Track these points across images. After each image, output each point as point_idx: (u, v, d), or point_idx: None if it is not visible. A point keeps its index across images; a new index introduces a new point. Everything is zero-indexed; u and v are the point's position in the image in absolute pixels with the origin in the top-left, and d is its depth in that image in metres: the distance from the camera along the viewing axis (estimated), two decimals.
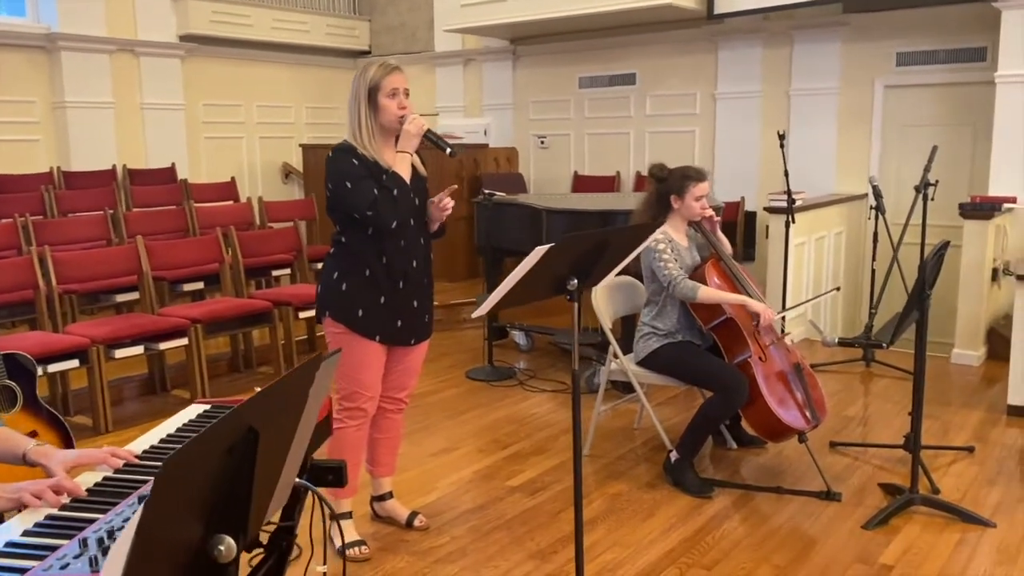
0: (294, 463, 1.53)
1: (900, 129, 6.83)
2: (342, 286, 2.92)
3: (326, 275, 2.99)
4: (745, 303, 3.56)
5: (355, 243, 2.91)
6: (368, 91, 2.84)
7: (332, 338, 2.98)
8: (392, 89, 2.84)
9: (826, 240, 6.44)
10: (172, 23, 8.47)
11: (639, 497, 3.58)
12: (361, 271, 2.90)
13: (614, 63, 8.23)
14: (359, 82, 2.86)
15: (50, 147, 7.78)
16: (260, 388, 1.23)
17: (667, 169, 3.84)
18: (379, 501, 3.30)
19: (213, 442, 1.11)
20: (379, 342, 2.95)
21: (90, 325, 4.62)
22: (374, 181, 2.81)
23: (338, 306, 2.93)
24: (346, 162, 2.83)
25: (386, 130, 2.89)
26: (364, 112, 2.84)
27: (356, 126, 2.86)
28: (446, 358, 5.79)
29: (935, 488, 3.55)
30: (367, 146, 2.85)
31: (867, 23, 6.83)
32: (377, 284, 2.91)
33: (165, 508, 0.98)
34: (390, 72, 2.85)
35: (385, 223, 2.81)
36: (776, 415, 3.47)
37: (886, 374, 5.30)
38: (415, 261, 2.97)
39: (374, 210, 2.77)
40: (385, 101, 2.84)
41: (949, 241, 3.40)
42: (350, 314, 2.91)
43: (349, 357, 2.92)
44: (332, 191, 2.86)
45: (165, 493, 0.96)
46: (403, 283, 2.94)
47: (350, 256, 2.92)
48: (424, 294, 3.04)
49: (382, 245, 2.89)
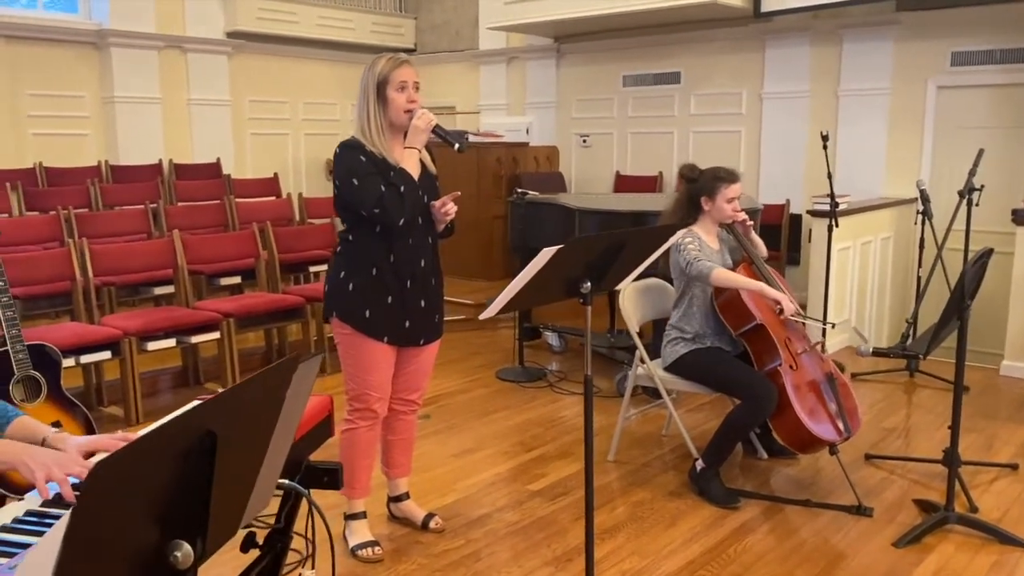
0: (273, 466, 1.50)
1: (953, 131, 6.60)
2: (348, 286, 2.87)
3: (332, 274, 2.95)
4: (762, 290, 3.43)
5: (362, 241, 2.86)
6: (377, 85, 2.79)
7: (340, 339, 2.94)
8: (401, 82, 2.79)
9: (872, 245, 6.24)
10: (220, 20, 8.58)
11: (662, 505, 3.49)
12: (368, 270, 2.85)
13: (659, 61, 8.11)
14: (367, 76, 2.81)
15: (99, 141, 7.94)
16: (221, 389, 1.20)
17: (698, 170, 3.74)
18: (395, 502, 3.27)
19: (161, 445, 1.08)
20: (387, 343, 2.90)
21: (124, 317, 4.68)
22: (382, 178, 2.76)
23: (345, 307, 2.89)
24: (353, 158, 2.78)
25: (395, 125, 2.84)
26: (372, 107, 2.79)
27: (364, 121, 2.81)
28: (477, 357, 5.75)
29: (973, 506, 3.39)
30: (375, 142, 2.80)
31: (921, 21, 6.61)
32: (384, 284, 2.86)
33: (99, 512, 0.95)
34: (399, 65, 2.80)
35: (392, 221, 2.76)
36: (805, 426, 3.35)
37: (930, 384, 5.12)
38: (423, 260, 2.92)
39: (381, 207, 2.72)
40: (394, 94, 2.79)
41: (992, 249, 3.24)
42: (357, 315, 2.86)
43: (357, 358, 2.88)
44: (339, 188, 2.82)
45: (96, 497, 0.93)
46: (411, 283, 2.89)
47: (357, 255, 2.88)
48: (433, 294, 2.98)
49: (390, 243, 2.84)
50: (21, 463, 1.58)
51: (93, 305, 4.81)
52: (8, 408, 1.84)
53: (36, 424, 1.84)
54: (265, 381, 1.31)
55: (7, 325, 3.20)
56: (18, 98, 7.42)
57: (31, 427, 1.82)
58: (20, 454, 1.60)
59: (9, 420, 1.83)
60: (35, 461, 1.58)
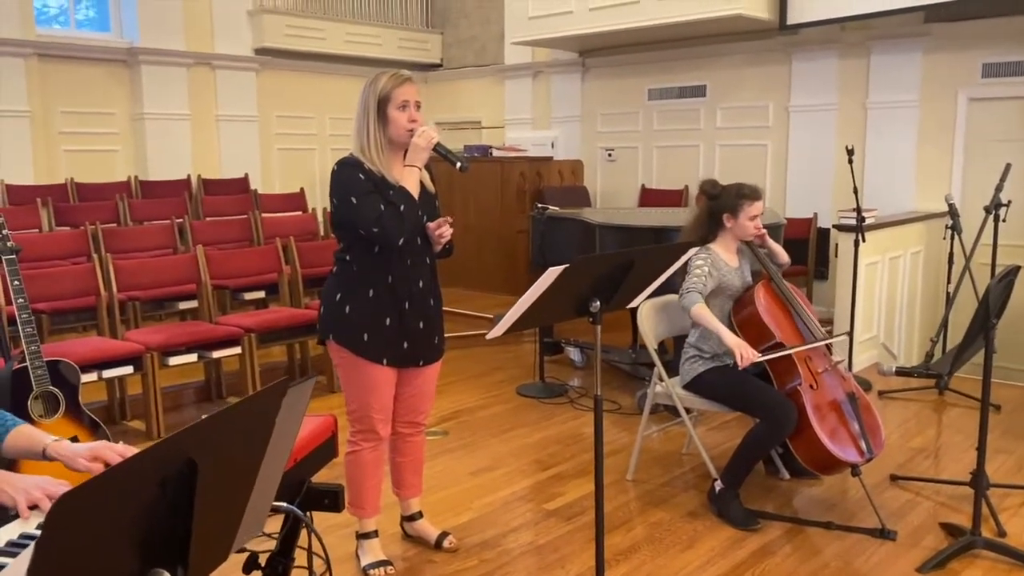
0: (265, 491, 1.48)
1: (985, 144, 6.47)
2: (345, 309, 2.83)
3: (327, 296, 2.90)
4: (720, 335, 3.36)
5: (360, 261, 2.82)
6: (378, 102, 2.74)
7: (338, 362, 2.90)
8: (403, 101, 2.74)
9: (902, 260, 6.13)
10: (248, 37, 8.69)
11: (680, 526, 3.43)
12: (365, 292, 2.81)
13: (684, 75, 8.06)
14: (368, 92, 2.76)
15: (128, 157, 8.06)
16: (205, 415, 1.18)
17: (720, 186, 3.69)
18: (409, 521, 3.25)
19: (137, 474, 1.06)
20: (387, 365, 2.86)
21: (147, 332, 4.72)
22: (381, 196, 2.72)
23: (342, 330, 2.84)
24: (352, 176, 2.73)
25: (394, 143, 2.79)
26: (372, 124, 2.74)
27: (364, 138, 2.76)
28: (498, 372, 5.72)
29: (1001, 530, 3.29)
30: (374, 160, 2.75)
31: (951, 33, 6.50)
32: (382, 305, 2.81)
33: (65, 543, 0.93)
34: (401, 83, 2.75)
35: (392, 240, 2.71)
36: (826, 447, 3.28)
37: (959, 403, 5.00)
38: (421, 281, 2.87)
39: (380, 227, 2.68)
40: (395, 113, 2.74)
41: (1020, 266, 3.16)
42: (355, 339, 2.82)
43: (358, 381, 2.85)
44: (337, 206, 2.77)
45: (59, 530, 0.92)
46: (409, 304, 2.84)
47: (354, 275, 2.83)
48: (431, 315, 2.93)
49: (388, 264, 2.80)
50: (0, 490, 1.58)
51: (117, 320, 4.86)
52: (7, 417, 1.84)
53: (36, 433, 1.83)
54: (252, 406, 1.30)
55: (27, 341, 3.23)
56: (50, 115, 7.56)
57: (31, 436, 1.82)
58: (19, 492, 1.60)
59: (8, 429, 1.83)
60: (13, 487, 1.58)
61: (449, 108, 10.01)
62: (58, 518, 0.91)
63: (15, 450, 1.78)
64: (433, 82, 10.09)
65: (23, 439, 1.81)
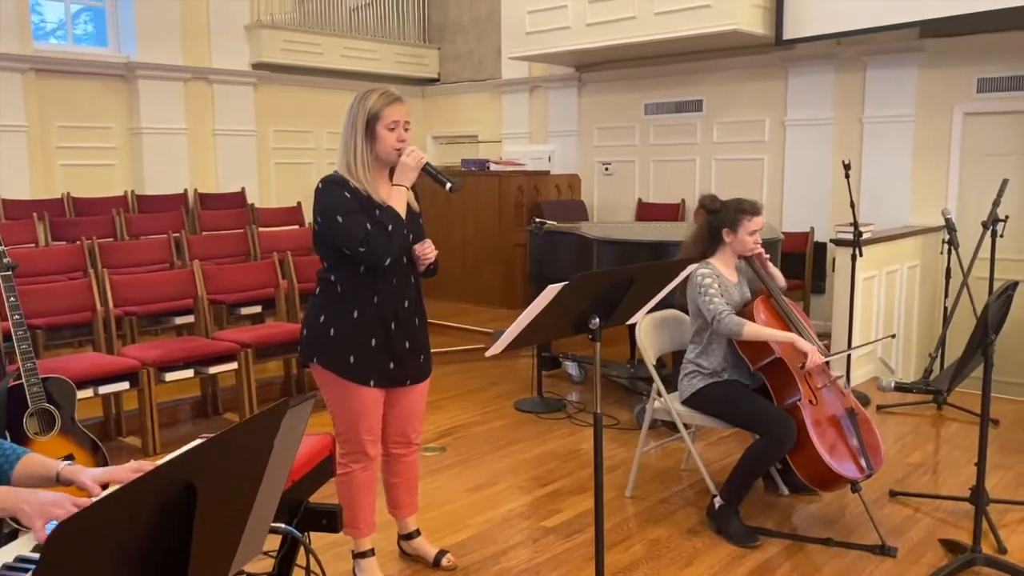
0: (263, 513, 1.47)
1: (981, 159, 6.50)
2: (330, 331, 2.77)
3: (311, 317, 2.84)
4: (794, 341, 3.37)
5: (344, 282, 2.77)
6: (367, 120, 2.70)
7: (323, 384, 2.85)
8: (392, 121, 2.70)
9: (899, 274, 6.14)
10: (245, 52, 8.71)
11: (679, 544, 3.41)
12: (350, 313, 2.75)
13: (680, 89, 8.09)
14: (356, 109, 2.71)
15: (125, 171, 8.05)
16: (203, 438, 1.17)
17: (719, 201, 3.69)
18: (406, 539, 3.22)
19: (136, 500, 1.05)
20: (374, 386, 2.81)
21: (143, 348, 4.70)
22: (367, 215, 2.67)
23: (327, 352, 2.79)
24: (337, 195, 2.69)
25: (381, 162, 2.75)
26: (360, 142, 2.70)
27: (351, 156, 2.71)
28: (496, 387, 5.70)
29: (1002, 547, 3.28)
30: (361, 178, 2.71)
31: (946, 48, 6.54)
32: (368, 326, 2.76)
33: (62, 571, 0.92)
34: (391, 102, 2.70)
35: (379, 260, 2.67)
36: (825, 463, 3.26)
37: (959, 418, 4.99)
38: (407, 301, 2.83)
39: (367, 246, 2.63)
40: (384, 132, 2.69)
41: (1018, 282, 3.16)
42: (341, 361, 2.77)
43: (345, 404, 2.81)
44: (321, 225, 2.72)
45: (56, 557, 0.90)
46: (395, 324, 2.80)
47: (338, 296, 2.77)
48: (417, 334, 2.89)
49: (373, 284, 2.75)
50: (18, 509, 1.60)
51: (113, 335, 4.84)
52: (9, 449, 1.83)
53: (46, 460, 1.83)
54: (251, 428, 1.29)
55: (23, 358, 3.21)
56: (47, 130, 7.56)
57: (43, 464, 1.82)
58: (17, 500, 1.62)
59: (18, 458, 1.83)
60: (31, 506, 1.59)
61: (446, 122, 10.03)
62: (56, 545, 0.89)
63: (28, 478, 1.78)
64: (430, 97, 10.11)
65: (35, 467, 1.81)
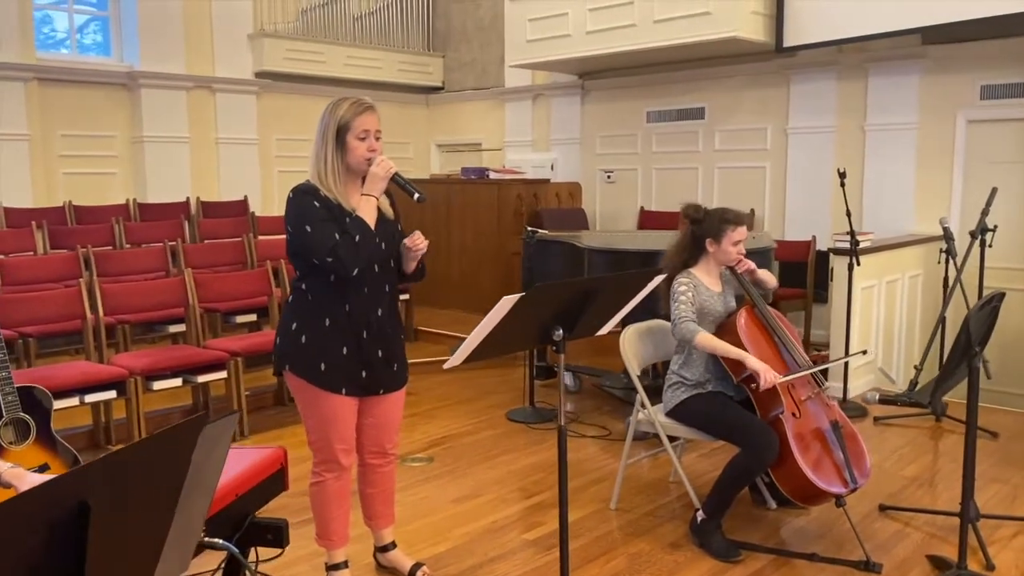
0: (186, 531, 1.44)
1: (984, 166, 6.40)
2: (301, 338, 2.77)
3: (283, 325, 2.85)
4: (744, 359, 3.29)
5: (316, 290, 2.77)
6: (337, 129, 2.70)
7: (296, 392, 2.84)
8: (363, 131, 2.70)
9: (899, 283, 6.06)
10: (248, 61, 8.74)
11: (661, 558, 3.36)
12: (321, 321, 2.76)
13: (682, 97, 8.04)
14: (328, 119, 2.71)
15: (127, 180, 8.09)
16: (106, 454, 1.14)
17: (703, 210, 3.65)
18: (382, 552, 3.18)
19: (20, 517, 1.02)
20: (346, 394, 2.80)
21: (132, 356, 4.70)
22: (336, 225, 2.67)
23: (298, 360, 2.78)
24: (307, 204, 2.69)
25: (352, 170, 2.75)
26: (331, 151, 2.70)
27: (321, 165, 2.72)
28: (489, 396, 5.66)
29: (990, 564, 3.20)
30: (331, 187, 2.71)
31: (948, 54, 6.46)
32: (339, 335, 2.76)
33: None
34: (362, 112, 2.71)
35: (346, 270, 2.66)
36: (808, 478, 3.20)
37: (957, 430, 4.90)
38: (380, 309, 2.82)
39: (335, 256, 2.63)
40: (354, 142, 2.70)
41: (1004, 293, 3.09)
42: (312, 369, 2.76)
43: (317, 412, 2.79)
44: (291, 234, 2.73)
45: None
46: (367, 333, 2.79)
47: (310, 304, 2.78)
48: (391, 343, 2.88)
49: (344, 293, 2.75)
50: None
51: (103, 343, 4.84)
52: None
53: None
54: (159, 445, 1.26)
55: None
56: (50, 139, 7.60)
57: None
58: None
59: None
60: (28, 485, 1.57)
61: (450, 130, 10.02)
62: None
63: None
64: (434, 105, 10.11)
65: None
